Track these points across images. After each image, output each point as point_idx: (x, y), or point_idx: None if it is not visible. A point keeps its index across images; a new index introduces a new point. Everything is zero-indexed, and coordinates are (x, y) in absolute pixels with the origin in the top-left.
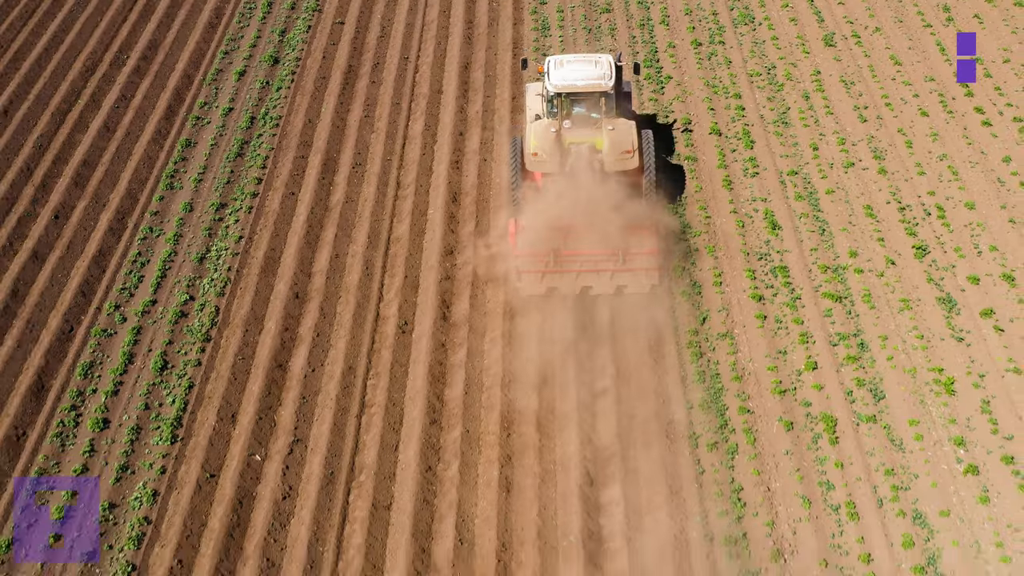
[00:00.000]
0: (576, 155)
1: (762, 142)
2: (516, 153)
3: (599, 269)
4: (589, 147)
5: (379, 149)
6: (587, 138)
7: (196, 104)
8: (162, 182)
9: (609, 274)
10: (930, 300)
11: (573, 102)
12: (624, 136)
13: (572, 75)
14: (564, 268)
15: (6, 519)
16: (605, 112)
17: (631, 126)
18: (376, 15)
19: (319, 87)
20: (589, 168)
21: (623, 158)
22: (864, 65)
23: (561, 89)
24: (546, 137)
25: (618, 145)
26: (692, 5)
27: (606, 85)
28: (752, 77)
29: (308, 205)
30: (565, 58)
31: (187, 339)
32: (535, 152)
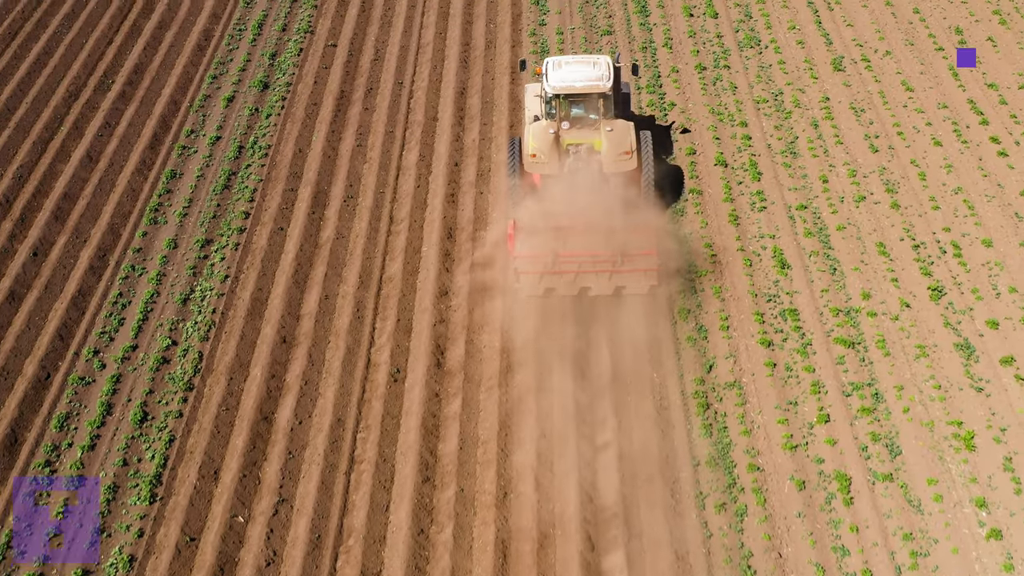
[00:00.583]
0: (575, 156)
1: (770, 174)
2: (515, 154)
3: (598, 270)
4: (588, 148)
5: (372, 181)
6: (586, 139)
7: (183, 132)
8: (146, 216)
9: (608, 275)
10: (947, 346)
11: (572, 103)
12: (622, 137)
13: (570, 76)
14: (563, 269)
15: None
16: (604, 113)
17: (630, 127)
18: (370, 37)
19: (310, 114)
20: (588, 169)
21: (622, 159)
22: (874, 91)
23: (560, 90)
24: (545, 138)
25: (617, 146)
26: (696, 27)
27: (604, 86)
28: (759, 104)
29: (297, 241)
30: (563, 59)
31: (169, 388)
32: (534, 153)
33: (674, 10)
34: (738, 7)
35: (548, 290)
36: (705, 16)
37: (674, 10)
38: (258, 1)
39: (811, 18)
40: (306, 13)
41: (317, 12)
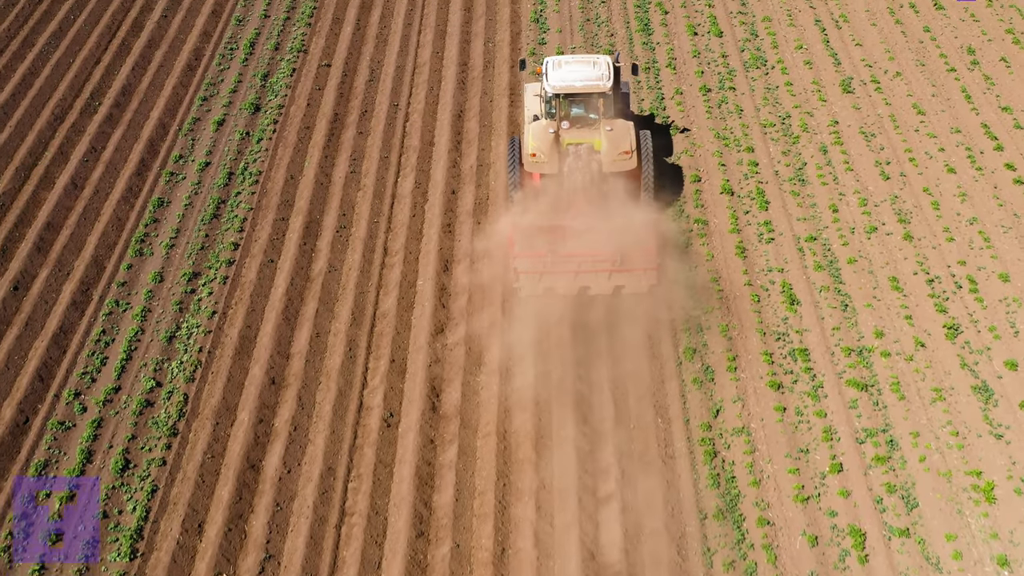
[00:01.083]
0: (574, 156)
1: (777, 203)
2: (515, 153)
3: (598, 269)
4: (587, 148)
5: (365, 210)
6: (585, 139)
7: (171, 158)
8: (131, 248)
9: (607, 274)
10: (964, 389)
11: (571, 103)
12: (622, 137)
13: (570, 76)
14: (562, 268)
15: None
16: (603, 113)
17: (629, 127)
18: (365, 57)
19: (302, 138)
20: (587, 169)
21: (621, 159)
22: (885, 114)
23: (559, 90)
24: (544, 138)
25: (616, 146)
26: (700, 46)
27: (604, 86)
28: (765, 128)
29: (288, 275)
30: (563, 59)
31: (152, 433)
32: (533, 153)
33: (677, 28)
34: (743, 25)
35: (548, 289)
36: (709, 35)
37: (677, 28)
38: (250, 19)
39: (819, 37)
40: (299, 31)
41: (311, 30)
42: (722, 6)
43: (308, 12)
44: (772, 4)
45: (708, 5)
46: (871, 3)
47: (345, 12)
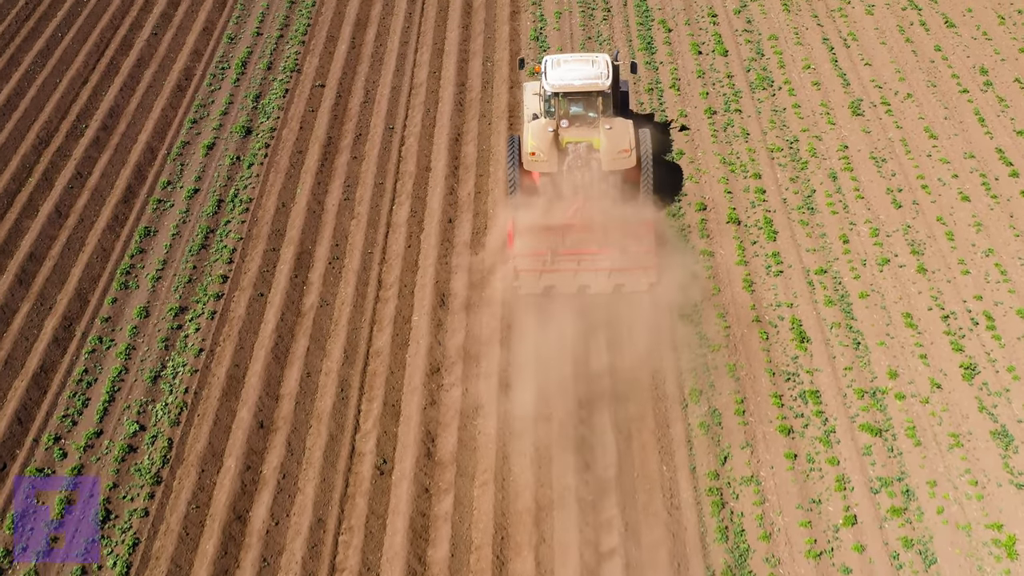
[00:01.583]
0: (574, 154)
1: (786, 233)
2: (514, 152)
3: (597, 268)
4: (587, 146)
5: (359, 240)
6: (584, 137)
7: (159, 184)
8: (116, 280)
9: (607, 273)
10: (983, 434)
11: (570, 101)
12: (621, 135)
13: (569, 74)
14: (562, 267)
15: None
16: (602, 111)
17: (628, 125)
18: (360, 76)
19: (295, 163)
20: (587, 167)
21: (620, 157)
22: (896, 138)
23: (558, 88)
24: (544, 136)
25: (616, 144)
26: (704, 66)
27: (603, 84)
28: (773, 152)
29: (278, 309)
30: (562, 57)
31: (135, 481)
32: (533, 151)
33: (681, 47)
34: (749, 44)
35: (547, 288)
36: (714, 54)
37: (681, 47)
38: (242, 36)
39: (826, 56)
40: (293, 50)
41: (305, 49)
42: (727, 24)
43: (302, 30)
44: (778, 22)
45: (713, 23)
46: (880, 20)
47: (340, 30)
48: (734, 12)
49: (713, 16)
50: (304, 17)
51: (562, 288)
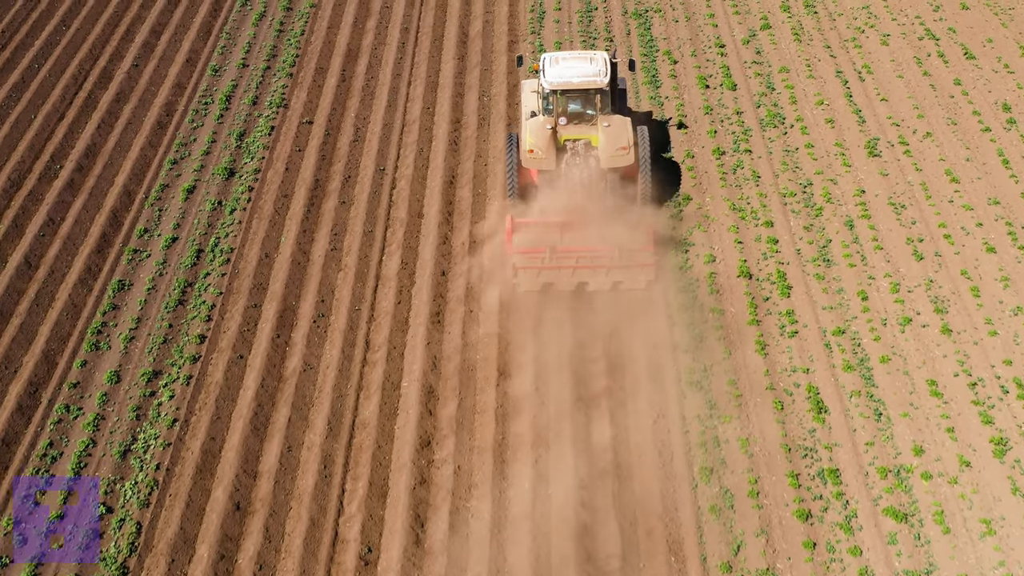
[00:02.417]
0: (572, 152)
1: (800, 288)
2: (512, 150)
3: (596, 265)
4: (585, 144)
5: (346, 295)
6: (583, 135)
7: (135, 232)
8: (87, 341)
9: (605, 270)
10: (1017, 520)
11: (569, 99)
12: (620, 133)
13: (567, 72)
14: (560, 264)
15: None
16: (600, 109)
17: (626, 123)
18: (350, 112)
19: (279, 209)
20: (585, 165)
21: (619, 155)
22: (916, 182)
23: (556, 86)
24: (542, 134)
25: (614, 142)
26: (712, 100)
27: (601, 82)
28: (785, 198)
29: (259, 374)
30: (560, 55)
31: (99, 572)
32: (531, 149)
33: (688, 80)
34: (759, 77)
35: (546, 285)
36: (722, 88)
37: (688, 80)
38: (228, 68)
39: (840, 91)
40: (280, 83)
41: (292, 82)
42: (735, 55)
43: (290, 61)
44: (789, 53)
45: (720, 53)
46: (896, 51)
47: (330, 61)
48: (742, 42)
49: (720, 46)
50: (292, 47)
51: (561, 285)
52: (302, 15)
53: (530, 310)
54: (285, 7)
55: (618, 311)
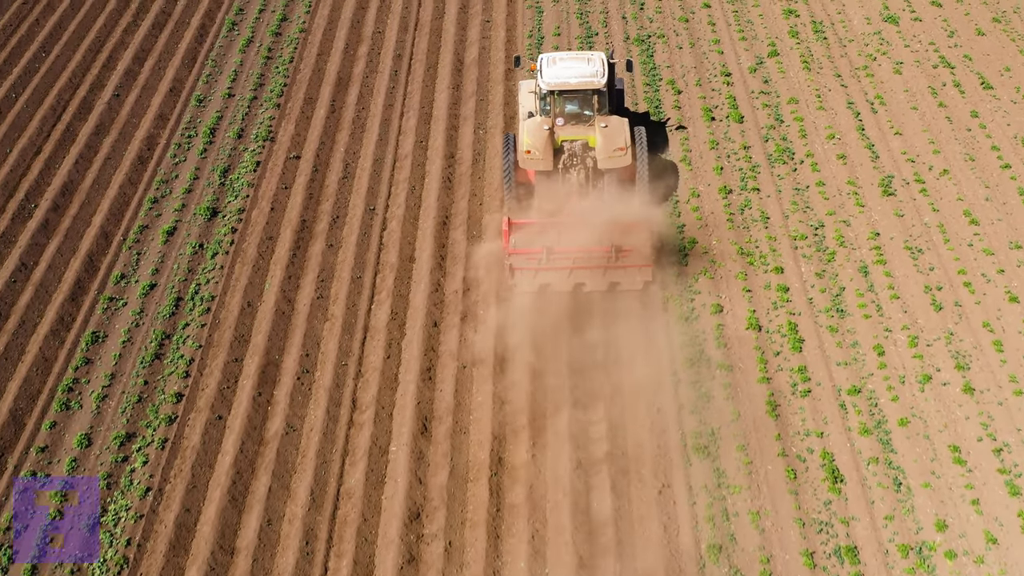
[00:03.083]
0: (569, 153)
1: (813, 341)
2: (509, 150)
3: (592, 266)
4: (582, 144)
5: (332, 348)
6: (580, 135)
7: (111, 278)
8: (57, 400)
9: (602, 271)
10: None
11: (566, 99)
12: (617, 133)
13: (565, 73)
14: (557, 265)
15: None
16: (598, 109)
17: (624, 123)
18: (339, 146)
19: (263, 252)
20: (582, 165)
21: (616, 155)
22: (933, 223)
23: (554, 87)
24: (539, 135)
25: (611, 142)
26: (718, 134)
27: (599, 82)
28: (796, 241)
29: (238, 436)
30: (558, 55)
31: None
32: (528, 150)
33: (692, 112)
34: (767, 109)
35: (543, 286)
36: (729, 120)
37: (692, 112)
38: (212, 98)
39: (852, 123)
40: (267, 114)
41: (279, 114)
42: (742, 84)
43: (277, 91)
44: (798, 82)
45: (726, 83)
46: (909, 81)
47: (319, 90)
48: (749, 71)
49: (727, 75)
50: (280, 75)
51: (557, 286)
52: (291, 41)
53: (526, 367)
54: (274, 32)
55: (621, 368)
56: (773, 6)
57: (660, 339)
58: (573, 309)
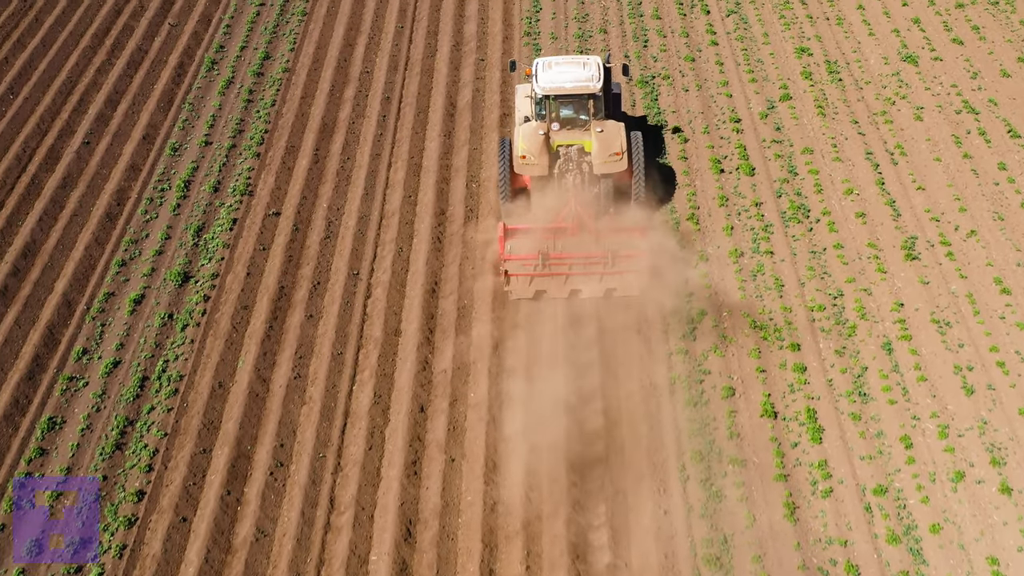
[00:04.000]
0: (565, 157)
1: (833, 430)
2: (505, 155)
3: (588, 272)
4: (578, 149)
5: (310, 437)
6: (576, 140)
7: (72, 354)
8: (6, 498)
9: (598, 277)
10: None
11: (561, 104)
12: (613, 138)
13: (560, 77)
14: (553, 271)
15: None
16: (594, 114)
17: (620, 128)
18: (322, 201)
19: (238, 324)
20: (578, 170)
21: (612, 160)
22: (961, 292)
23: (549, 91)
24: (534, 140)
25: (607, 147)
26: (728, 188)
27: (594, 87)
28: (813, 312)
29: (204, 543)
30: (554, 60)
31: None
32: (523, 155)
33: (700, 163)
34: (779, 159)
35: (538, 292)
36: (739, 172)
37: (700, 163)
38: (188, 146)
39: (871, 176)
40: (246, 165)
41: (259, 164)
42: (752, 132)
43: (258, 138)
44: (812, 129)
45: (736, 130)
46: (931, 128)
47: (302, 138)
48: (760, 116)
49: (736, 121)
50: (261, 121)
51: (553, 292)
52: (273, 82)
53: (520, 462)
54: (255, 72)
55: (624, 464)
56: (784, 44)
57: (667, 429)
58: (573, 393)
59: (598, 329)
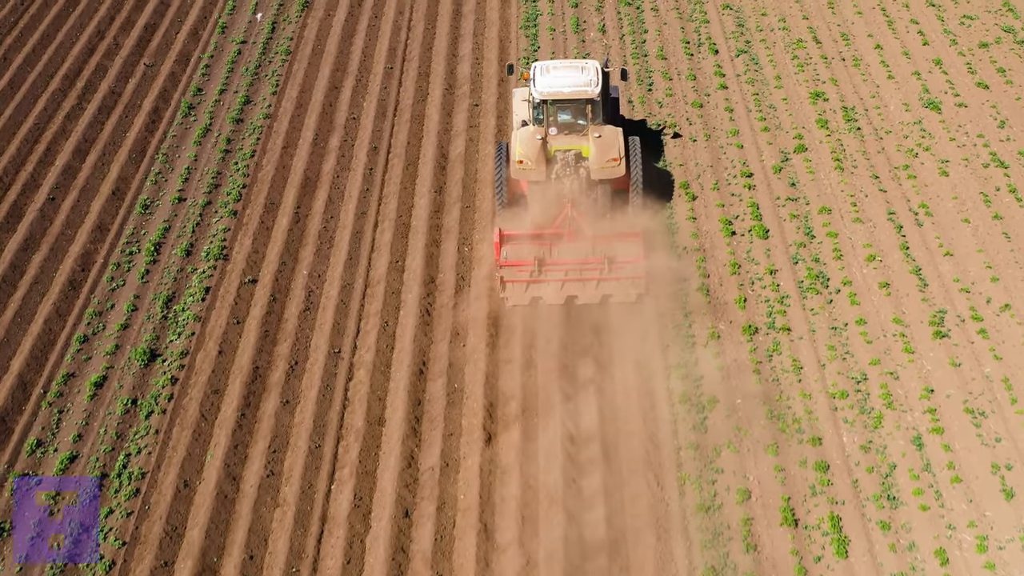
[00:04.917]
0: (562, 163)
1: (860, 542)
2: (501, 160)
3: (585, 278)
4: (575, 154)
5: (282, 548)
6: (573, 145)
7: (24, 448)
8: None
9: (595, 283)
10: None
11: (559, 109)
12: (611, 143)
13: (558, 82)
14: (549, 278)
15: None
16: (592, 119)
17: (618, 133)
18: (302, 267)
19: (207, 412)
20: (575, 176)
21: (609, 166)
22: (996, 376)
23: (547, 96)
24: (532, 144)
25: (604, 152)
26: (740, 254)
27: (592, 92)
28: (835, 400)
29: None
30: (552, 64)
31: None
32: (520, 160)
33: (710, 225)
34: (795, 220)
35: (534, 299)
36: (752, 234)
37: (710, 225)
38: (160, 203)
39: (895, 240)
40: (221, 225)
41: (236, 224)
42: (765, 188)
43: (235, 194)
44: (830, 185)
45: (747, 186)
46: (958, 185)
47: (282, 194)
48: (773, 170)
49: (748, 176)
50: (240, 174)
51: (549, 299)
52: (254, 129)
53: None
54: (234, 119)
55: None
56: (798, 88)
57: (677, 540)
58: (573, 496)
59: (600, 418)
